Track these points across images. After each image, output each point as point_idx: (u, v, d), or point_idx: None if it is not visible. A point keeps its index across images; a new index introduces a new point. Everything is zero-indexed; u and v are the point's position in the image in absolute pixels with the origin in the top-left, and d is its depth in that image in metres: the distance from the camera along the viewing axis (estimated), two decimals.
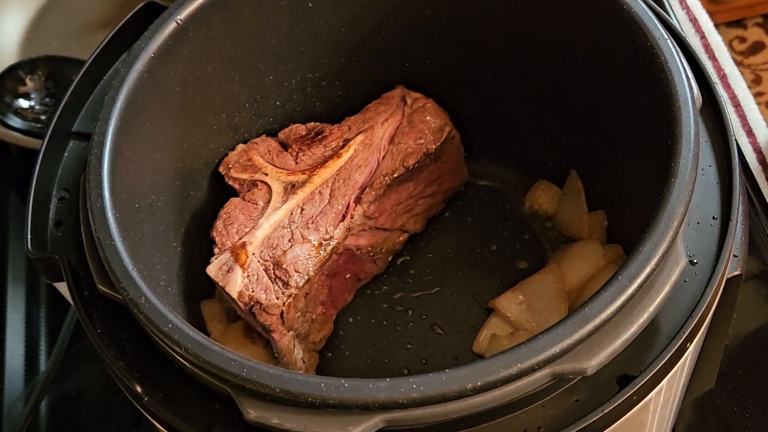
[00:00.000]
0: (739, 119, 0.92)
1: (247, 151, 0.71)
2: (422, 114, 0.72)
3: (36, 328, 0.94)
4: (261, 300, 0.63)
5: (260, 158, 0.71)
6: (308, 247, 0.65)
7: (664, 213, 0.51)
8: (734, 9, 1.45)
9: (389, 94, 0.75)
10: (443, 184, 0.76)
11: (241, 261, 0.64)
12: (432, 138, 0.71)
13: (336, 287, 0.71)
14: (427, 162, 0.71)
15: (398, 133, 0.71)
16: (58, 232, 0.62)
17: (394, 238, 0.74)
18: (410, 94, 0.74)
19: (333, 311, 0.72)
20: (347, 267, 0.71)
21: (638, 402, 0.52)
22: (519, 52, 0.71)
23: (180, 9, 0.64)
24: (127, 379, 0.55)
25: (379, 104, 0.74)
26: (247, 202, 0.68)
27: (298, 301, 0.65)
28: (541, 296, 0.68)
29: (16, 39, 1.06)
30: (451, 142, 0.73)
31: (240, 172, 0.70)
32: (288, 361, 0.67)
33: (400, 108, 0.73)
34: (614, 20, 0.61)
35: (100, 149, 0.58)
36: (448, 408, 0.48)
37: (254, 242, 0.65)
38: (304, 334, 0.68)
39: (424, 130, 0.71)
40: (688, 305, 0.54)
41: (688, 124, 0.54)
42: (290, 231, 0.66)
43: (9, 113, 0.97)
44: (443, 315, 0.72)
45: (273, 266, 0.64)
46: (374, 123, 0.72)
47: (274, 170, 0.70)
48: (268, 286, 0.64)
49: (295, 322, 0.66)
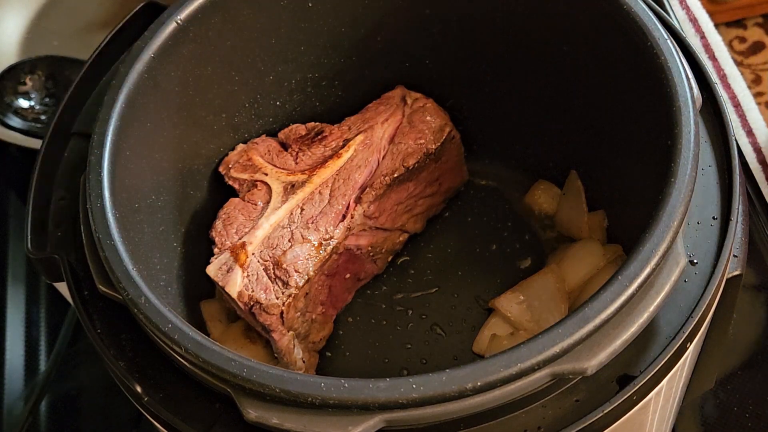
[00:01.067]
0: (739, 119, 0.92)
1: (247, 151, 0.71)
2: (422, 114, 0.72)
3: (36, 328, 0.94)
4: (261, 300, 0.63)
5: (260, 158, 0.71)
6: (308, 247, 0.65)
7: (664, 213, 0.51)
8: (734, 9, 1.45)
9: (389, 94, 0.75)
10: (443, 184, 0.76)
11: (241, 261, 0.64)
12: (432, 138, 0.71)
13: (336, 287, 0.71)
14: (427, 162, 0.71)
15: (398, 133, 0.71)
16: (58, 232, 0.62)
17: (394, 238, 0.74)
18: (410, 94, 0.74)
19: (333, 311, 0.72)
20: (347, 267, 0.71)
21: (638, 402, 0.52)
22: (519, 52, 0.71)
23: (180, 9, 0.64)
24: (127, 379, 0.55)
25: (379, 104, 0.74)
26: (246, 203, 0.68)
27: (297, 301, 0.65)
28: (541, 296, 0.68)
29: (16, 39, 1.06)
30: (451, 142, 0.73)
31: (240, 172, 0.70)
32: (288, 361, 0.67)
33: (400, 108, 0.73)
34: (614, 20, 0.61)
35: (100, 149, 0.58)
36: (448, 408, 0.48)
37: (254, 242, 0.65)
38: (304, 334, 0.68)
39: (424, 130, 0.71)
40: (688, 305, 0.54)
41: (688, 124, 0.54)
42: (290, 231, 0.66)
43: (9, 113, 0.97)
44: (443, 315, 0.72)
45: (273, 266, 0.64)
46: (374, 123, 0.72)
47: (274, 170, 0.70)
48: (268, 286, 0.64)
49: (294, 322, 0.66)
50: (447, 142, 0.73)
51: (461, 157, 0.76)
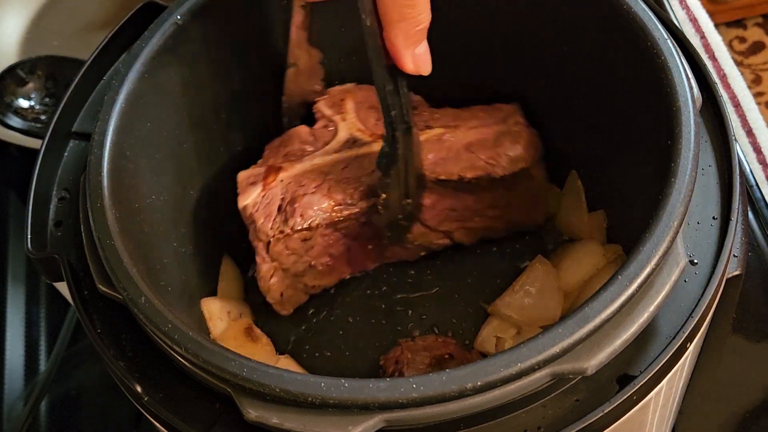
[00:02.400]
0: (739, 119, 0.92)
1: (347, 91, 0.72)
2: (512, 138, 0.69)
3: (36, 328, 0.94)
4: (257, 222, 0.65)
5: (351, 103, 0.71)
6: (326, 202, 0.66)
7: (664, 213, 0.51)
8: (734, 9, 1.45)
9: (500, 106, 0.72)
10: (510, 214, 0.72)
11: (267, 181, 0.66)
12: (504, 165, 0.68)
13: (355, 250, 0.70)
14: (492, 184, 0.68)
15: (479, 143, 0.69)
16: (58, 232, 0.62)
17: (435, 237, 0.72)
18: (517, 117, 0.71)
19: (345, 269, 0.72)
20: (371, 238, 0.70)
21: (638, 402, 0.52)
22: (519, 52, 0.71)
23: (180, 9, 0.64)
24: (127, 379, 0.55)
25: (483, 110, 0.72)
26: (311, 135, 0.69)
27: (290, 241, 0.66)
28: (539, 294, 0.68)
29: (16, 39, 1.06)
30: (529, 179, 0.70)
31: (327, 106, 0.71)
32: (261, 286, 0.68)
33: (498, 123, 0.70)
34: (614, 20, 0.61)
35: (100, 149, 0.58)
36: (448, 408, 0.48)
37: (289, 172, 0.66)
38: (296, 273, 0.69)
39: (501, 154, 0.68)
40: (688, 305, 0.54)
41: (688, 124, 0.54)
42: (323, 179, 0.66)
43: (9, 113, 0.97)
44: (443, 315, 0.72)
45: (288, 201, 0.65)
46: (463, 124, 0.70)
47: (353, 120, 0.70)
48: (272, 214, 0.65)
49: (282, 257, 0.67)
50: (522, 177, 0.69)
51: (539, 200, 0.72)
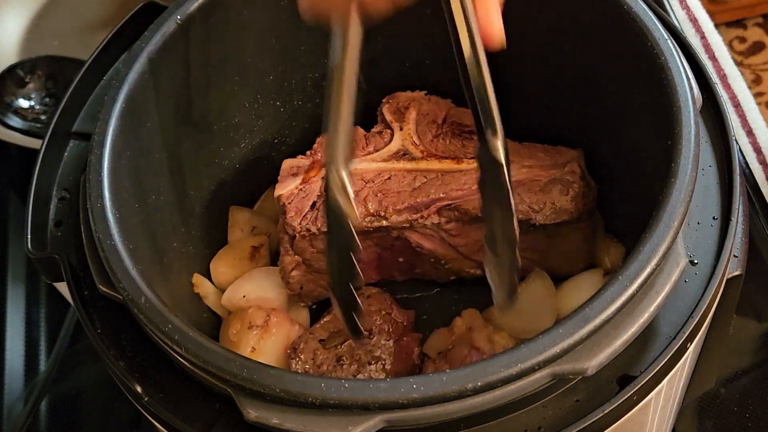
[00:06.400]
0: (739, 119, 0.92)
1: (414, 99, 0.72)
2: (562, 188, 0.66)
3: (36, 328, 0.94)
4: (287, 213, 0.65)
5: (414, 113, 0.71)
6: (360, 209, 0.65)
7: (664, 213, 0.51)
8: (734, 9, 1.45)
9: (563, 149, 0.70)
10: (549, 260, 0.70)
11: (309, 174, 0.66)
12: (547, 214, 0.66)
13: (386, 259, 0.70)
14: (531, 229, 0.66)
15: (527, 185, 0.67)
16: (58, 232, 0.62)
17: (467, 265, 0.70)
18: (575, 168, 0.68)
19: (374, 274, 0.72)
20: (403, 252, 0.69)
21: (638, 402, 0.52)
22: (519, 52, 0.71)
23: (180, 9, 0.64)
24: (127, 379, 0.55)
25: (544, 150, 0.70)
26: (365, 138, 0.69)
27: (315, 240, 0.66)
28: (532, 308, 0.67)
29: (16, 39, 1.06)
30: (571, 231, 0.67)
31: (391, 112, 0.72)
32: (281, 276, 0.69)
33: (554, 167, 0.68)
34: (614, 20, 0.61)
35: (100, 149, 0.58)
36: (449, 408, 0.48)
37: None
38: (320, 270, 0.69)
39: (546, 202, 0.66)
40: (688, 305, 0.54)
41: (688, 125, 0.54)
42: (363, 186, 0.66)
43: (9, 113, 0.97)
44: (443, 316, 0.72)
45: (323, 200, 0.64)
46: (518, 161, 0.68)
47: (409, 132, 0.70)
48: (303, 209, 0.65)
49: (306, 253, 0.67)
50: (564, 228, 0.67)
51: (578, 253, 0.70)
